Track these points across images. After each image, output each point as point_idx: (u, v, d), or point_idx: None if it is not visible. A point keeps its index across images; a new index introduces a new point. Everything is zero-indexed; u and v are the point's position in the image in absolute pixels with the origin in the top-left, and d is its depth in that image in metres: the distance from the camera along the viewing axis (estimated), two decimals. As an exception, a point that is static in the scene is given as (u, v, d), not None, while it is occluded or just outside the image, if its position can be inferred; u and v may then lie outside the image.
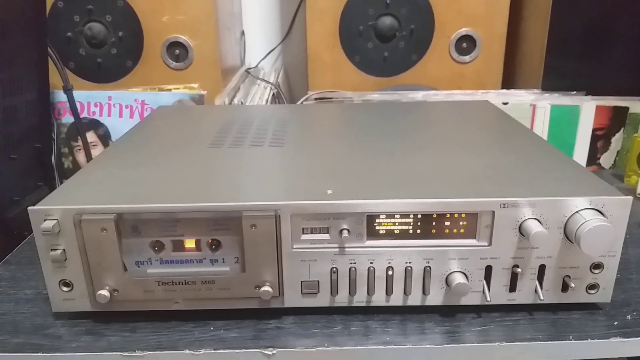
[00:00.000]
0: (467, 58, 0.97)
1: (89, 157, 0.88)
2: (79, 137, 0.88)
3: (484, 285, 0.45)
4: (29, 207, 0.42)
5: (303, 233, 0.44)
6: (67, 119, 0.88)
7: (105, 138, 0.90)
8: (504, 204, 0.42)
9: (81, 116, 0.88)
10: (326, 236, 0.44)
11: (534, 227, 0.42)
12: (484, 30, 0.95)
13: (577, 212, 0.42)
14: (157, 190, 0.46)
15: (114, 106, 0.88)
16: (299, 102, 0.96)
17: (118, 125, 0.88)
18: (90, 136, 0.89)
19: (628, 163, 0.73)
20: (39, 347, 0.43)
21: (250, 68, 1.16)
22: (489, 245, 0.44)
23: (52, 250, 0.43)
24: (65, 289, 0.44)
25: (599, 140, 0.89)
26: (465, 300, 0.45)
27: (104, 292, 0.43)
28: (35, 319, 0.47)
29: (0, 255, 0.58)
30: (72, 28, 0.90)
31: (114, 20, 0.90)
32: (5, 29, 0.67)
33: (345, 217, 0.43)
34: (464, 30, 0.95)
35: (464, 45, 0.96)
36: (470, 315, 0.46)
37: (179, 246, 0.44)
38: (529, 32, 0.99)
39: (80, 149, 0.89)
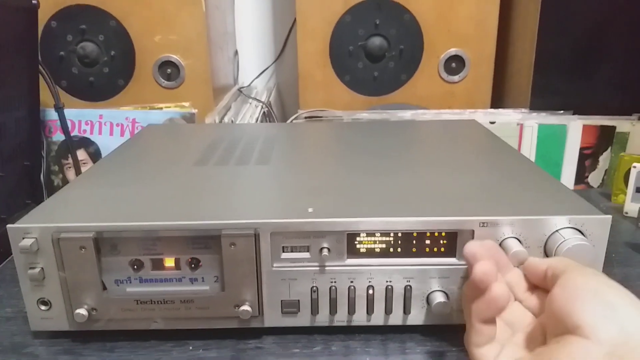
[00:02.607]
0: (456, 78, 0.98)
1: (78, 175, 0.88)
2: (69, 155, 0.88)
3: (465, 305, 0.44)
4: (8, 225, 0.42)
5: (283, 251, 0.44)
6: (58, 136, 0.89)
7: (95, 156, 0.90)
8: (484, 223, 0.42)
9: (72, 134, 0.88)
10: (306, 255, 0.44)
11: (513, 245, 0.42)
12: (473, 51, 0.96)
13: (556, 231, 0.42)
14: (138, 208, 0.46)
15: (105, 124, 0.89)
16: (288, 121, 0.97)
17: (109, 144, 0.89)
18: (81, 154, 0.89)
19: (615, 182, 0.73)
20: (16, 366, 0.43)
21: (242, 87, 1.17)
22: (469, 264, 0.43)
23: (30, 268, 0.42)
24: (43, 307, 0.44)
25: (587, 159, 0.90)
26: (446, 320, 0.45)
27: (82, 311, 0.43)
28: (14, 338, 0.46)
29: (-17, 274, 0.57)
30: (65, 47, 0.91)
31: (107, 39, 0.91)
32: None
33: (325, 236, 0.43)
34: (453, 51, 0.96)
35: (453, 65, 0.97)
36: (451, 334, 0.45)
37: (158, 265, 0.43)
38: (517, 52, 1.00)
39: (70, 167, 0.89)
